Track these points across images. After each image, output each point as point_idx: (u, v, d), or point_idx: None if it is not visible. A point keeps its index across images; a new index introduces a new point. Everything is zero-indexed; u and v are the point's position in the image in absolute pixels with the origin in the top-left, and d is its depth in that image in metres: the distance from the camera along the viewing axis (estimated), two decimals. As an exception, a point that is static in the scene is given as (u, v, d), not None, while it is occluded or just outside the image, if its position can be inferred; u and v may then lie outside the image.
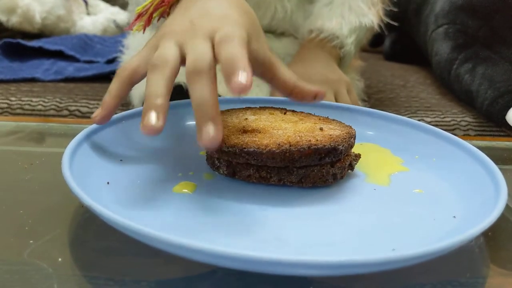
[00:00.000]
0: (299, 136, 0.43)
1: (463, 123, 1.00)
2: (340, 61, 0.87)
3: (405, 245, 0.35)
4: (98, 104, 0.99)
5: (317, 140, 0.42)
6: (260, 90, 0.81)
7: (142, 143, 0.48)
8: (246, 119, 0.47)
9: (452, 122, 1.00)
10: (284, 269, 0.30)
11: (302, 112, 0.50)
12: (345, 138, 0.43)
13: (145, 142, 0.48)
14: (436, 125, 0.98)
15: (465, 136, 0.97)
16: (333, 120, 0.48)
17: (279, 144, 0.41)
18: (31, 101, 0.98)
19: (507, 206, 0.39)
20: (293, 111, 0.50)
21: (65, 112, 0.97)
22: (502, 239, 0.42)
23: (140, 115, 0.51)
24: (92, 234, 0.39)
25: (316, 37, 0.84)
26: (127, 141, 0.48)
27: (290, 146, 0.41)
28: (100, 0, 1.64)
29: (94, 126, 0.46)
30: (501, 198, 0.38)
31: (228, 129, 0.44)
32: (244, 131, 0.44)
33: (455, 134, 0.50)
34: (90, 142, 0.44)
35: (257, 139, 0.42)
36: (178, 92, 0.74)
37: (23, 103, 0.98)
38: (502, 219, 0.36)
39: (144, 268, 0.35)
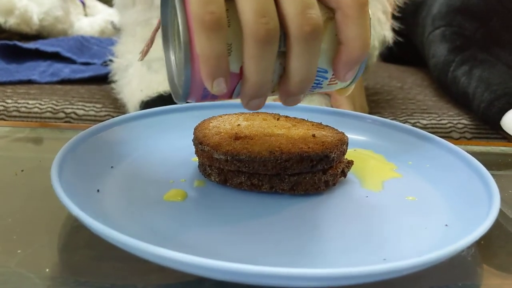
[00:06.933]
0: (291, 143, 0.42)
1: (460, 126, 1.00)
2: None
3: (396, 255, 0.35)
4: (94, 106, 0.99)
5: (309, 147, 0.42)
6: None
7: (134, 149, 0.48)
8: (239, 125, 0.46)
9: (449, 125, 1.00)
10: (274, 281, 0.29)
11: (295, 118, 0.49)
12: (337, 145, 0.43)
13: (137, 148, 0.48)
14: (432, 128, 0.98)
15: (461, 139, 0.97)
16: (327, 126, 0.48)
17: (270, 152, 0.41)
18: (28, 103, 0.98)
19: (501, 212, 0.38)
20: (286, 116, 0.50)
21: (61, 115, 0.97)
22: (495, 245, 0.41)
23: (130, 120, 0.51)
24: (83, 241, 0.38)
25: None
26: (118, 147, 0.47)
27: (281, 153, 0.41)
28: (98, 1, 1.63)
29: (85, 132, 0.46)
30: (493, 208, 0.37)
31: (220, 136, 0.44)
32: (236, 137, 0.44)
33: (451, 137, 0.50)
34: (81, 148, 0.44)
35: (248, 146, 0.42)
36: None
37: (19, 105, 0.98)
38: (495, 225, 0.36)
39: (135, 275, 0.34)
